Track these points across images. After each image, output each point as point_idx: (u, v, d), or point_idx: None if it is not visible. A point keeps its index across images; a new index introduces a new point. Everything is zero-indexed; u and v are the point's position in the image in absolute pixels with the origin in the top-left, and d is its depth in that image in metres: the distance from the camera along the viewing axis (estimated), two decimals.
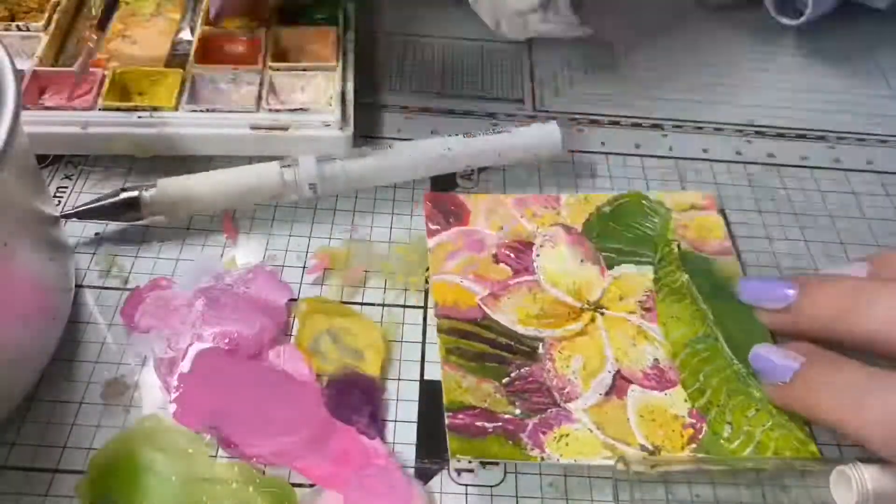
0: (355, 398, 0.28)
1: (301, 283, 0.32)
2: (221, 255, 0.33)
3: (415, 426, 0.29)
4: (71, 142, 0.34)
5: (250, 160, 0.36)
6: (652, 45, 0.46)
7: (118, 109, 0.35)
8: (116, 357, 0.29)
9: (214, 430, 0.27)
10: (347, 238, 0.34)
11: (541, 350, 0.30)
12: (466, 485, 0.27)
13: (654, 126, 0.41)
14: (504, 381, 0.29)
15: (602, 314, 0.31)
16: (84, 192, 0.35)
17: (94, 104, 0.35)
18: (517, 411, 0.28)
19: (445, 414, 0.28)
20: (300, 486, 0.26)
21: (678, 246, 0.34)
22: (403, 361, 0.30)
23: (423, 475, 0.27)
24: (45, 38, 0.37)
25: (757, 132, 0.41)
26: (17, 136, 0.23)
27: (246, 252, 0.33)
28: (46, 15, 0.38)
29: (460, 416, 0.28)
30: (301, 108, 0.35)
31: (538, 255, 0.33)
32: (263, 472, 0.26)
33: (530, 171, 0.38)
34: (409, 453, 0.28)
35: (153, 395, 0.28)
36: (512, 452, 0.27)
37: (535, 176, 0.37)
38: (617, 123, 0.41)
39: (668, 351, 0.30)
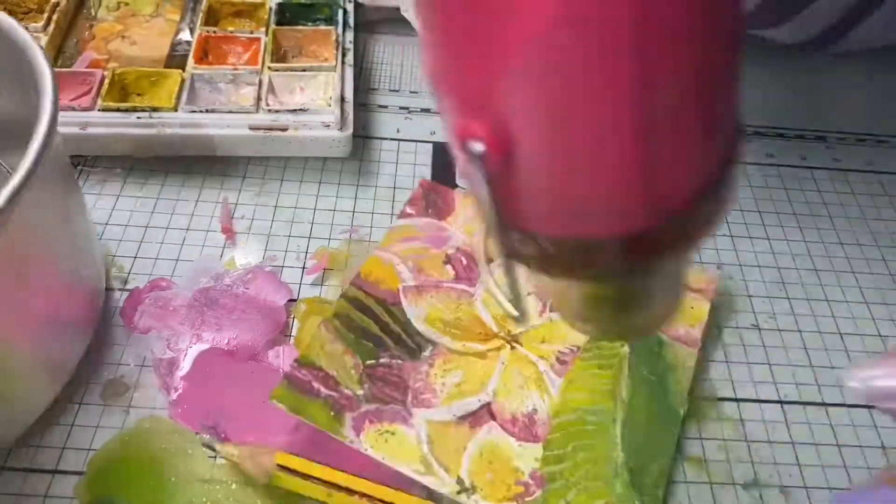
0: None
1: (300, 284, 0.32)
2: (221, 256, 0.33)
3: None
4: (70, 142, 0.34)
5: (249, 160, 0.37)
6: None
7: (117, 110, 0.35)
8: (116, 357, 0.29)
9: (213, 431, 0.27)
10: (347, 238, 0.34)
11: (426, 353, 0.30)
12: None
13: None
14: (368, 362, 0.29)
15: (513, 348, 0.30)
16: (84, 193, 0.35)
17: (94, 105, 0.35)
18: (360, 392, 0.28)
19: (291, 363, 0.28)
20: None
21: None
22: None
23: None
24: (44, 39, 0.37)
25: (756, 132, 0.41)
26: (54, 139, 0.23)
27: (245, 253, 0.33)
28: (46, 15, 0.38)
29: (303, 371, 0.28)
30: (300, 109, 0.35)
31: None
32: (263, 482, 0.26)
33: None
34: None
35: (153, 396, 0.28)
36: (328, 423, 0.27)
37: None
38: None
39: (552, 408, 0.29)
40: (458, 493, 0.26)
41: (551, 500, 0.26)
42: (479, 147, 0.14)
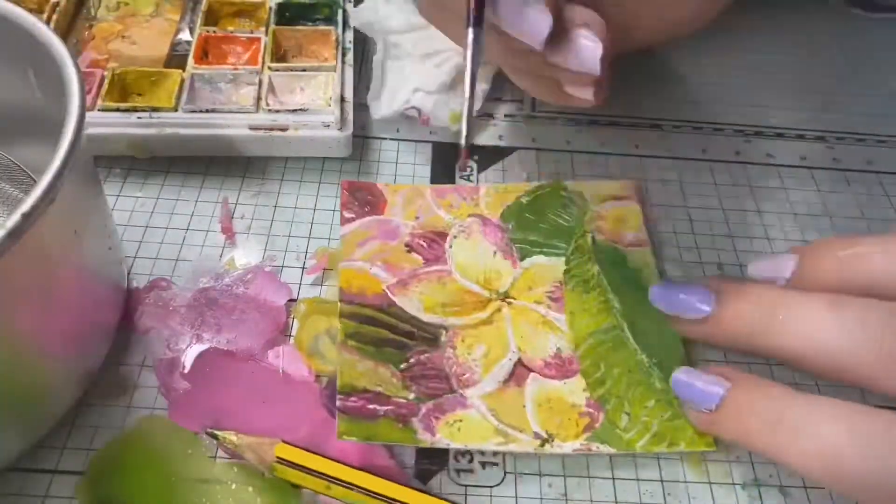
0: None
1: (300, 284, 0.32)
2: (220, 256, 0.33)
3: None
4: None
5: (249, 160, 0.37)
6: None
7: (117, 110, 0.35)
8: (116, 357, 0.29)
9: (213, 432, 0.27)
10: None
11: (443, 338, 0.30)
12: (466, 485, 0.27)
13: (654, 126, 0.41)
14: (402, 366, 0.29)
15: (509, 304, 0.32)
16: None
17: (94, 105, 0.35)
18: (411, 395, 0.28)
19: (338, 396, 0.28)
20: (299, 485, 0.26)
21: (592, 238, 0.34)
22: None
23: (423, 475, 0.27)
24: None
25: (756, 132, 0.41)
26: (83, 134, 0.23)
27: (245, 252, 0.33)
28: (45, 15, 0.38)
29: (353, 398, 0.28)
30: (300, 109, 0.35)
31: (451, 246, 0.33)
32: (263, 473, 0.26)
33: (530, 168, 0.38)
34: (408, 454, 0.28)
35: (153, 396, 0.28)
36: (402, 436, 0.27)
37: (536, 172, 0.37)
38: (616, 123, 0.41)
39: (571, 341, 0.31)
40: (541, 445, 0.27)
41: (614, 417, 0.28)
42: None
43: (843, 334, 0.25)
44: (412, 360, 0.29)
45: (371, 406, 0.28)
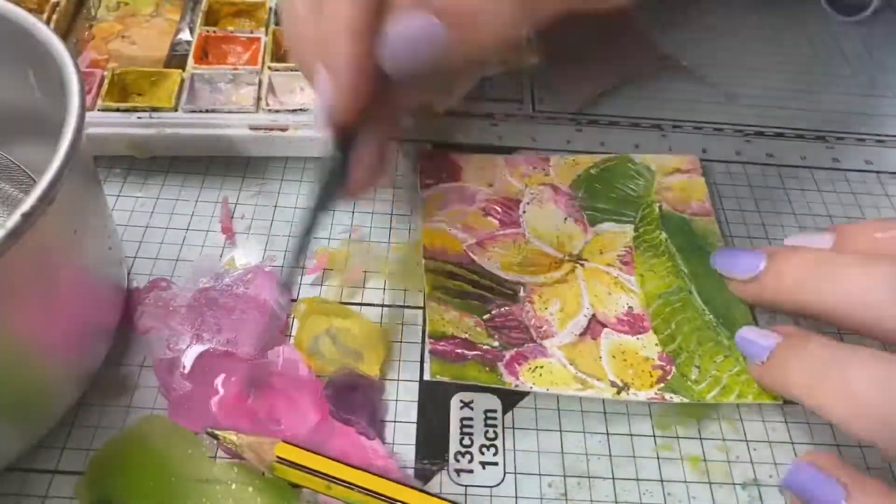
0: (355, 399, 0.29)
1: (300, 284, 0.32)
2: (220, 256, 0.33)
3: (414, 427, 0.29)
4: None
5: (249, 160, 0.37)
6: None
7: (117, 110, 0.35)
8: (116, 357, 0.29)
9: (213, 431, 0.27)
10: (347, 238, 0.34)
11: (521, 293, 0.32)
12: (466, 485, 0.27)
13: (654, 126, 0.41)
14: (485, 317, 0.31)
15: (582, 265, 0.33)
16: None
17: (94, 105, 0.35)
18: (496, 343, 0.30)
19: (428, 341, 0.29)
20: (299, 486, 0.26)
21: (659, 207, 0.35)
22: (403, 362, 0.30)
23: (423, 475, 0.27)
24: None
25: (756, 132, 0.41)
26: (83, 134, 0.23)
27: (245, 252, 0.33)
28: (45, 15, 0.38)
29: (441, 343, 0.29)
30: (300, 109, 0.35)
31: (524, 212, 0.35)
32: (263, 473, 0.26)
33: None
34: (408, 454, 0.28)
35: (153, 396, 0.28)
36: (489, 378, 0.29)
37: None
38: (616, 123, 0.41)
39: (641, 300, 0.32)
40: (618, 393, 0.29)
41: (685, 370, 0.30)
42: None
43: (873, 289, 0.26)
44: (494, 312, 0.31)
45: (459, 350, 0.29)
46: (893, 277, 0.26)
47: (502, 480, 0.28)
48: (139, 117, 0.34)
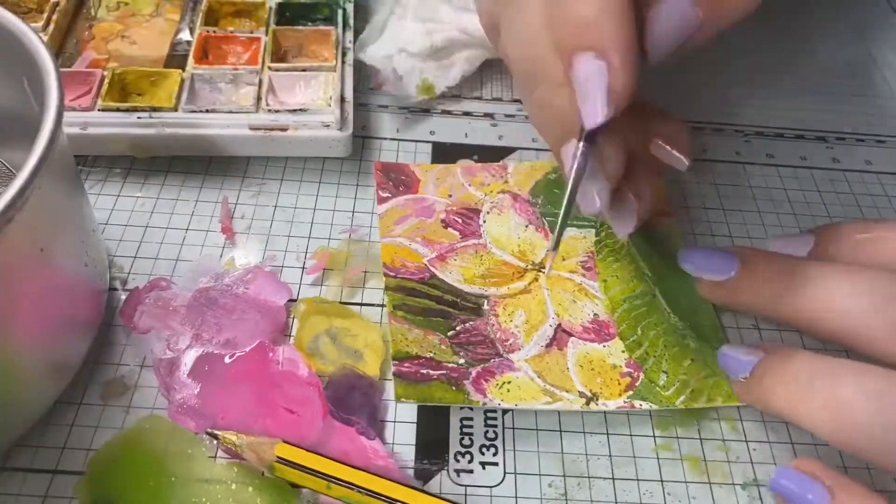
0: (355, 399, 0.29)
1: (300, 284, 0.32)
2: (220, 256, 0.33)
3: (414, 427, 0.29)
4: (70, 142, 0.34)
5: (249, 160, 0.37)
6: None
7: (117, 110, 0.35)
8: (116, 357, 0.29)
9: (213, 431, 0.27)
10: (346, 238, 0.34)
11: (485, 306, 0.32)
12: (466, 485, 0.27)
13: None
14: (449, 334, 0.30)
15: (545, 273, 0.33)
16: None
17: (94, 105, 0.35)
18: (461, 360, 0.29)
19: (392, 363, 0.29)
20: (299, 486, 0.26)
21: None
22: None
23: (423, 475, 0.27)
24: (44, 38, 0.37)
25: (756, 132, 0.41)
26: (58, 142, 0.23)
27: (245, 252, 0.33)
28: (45, 15, 0.38)
29: (406, 364, 0.29)
30: (300, 109, 0.35)
31: (485, 221, 0.35)
32: (263, 473, 0.26)
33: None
34: (408, 454, 0.28)
35: (153, 396, 0.28)
36: (455, 397, 0.28)
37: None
38: None
39: (606, 306, 0.32)
40: (587, 403, 0.29)
41: (653, 376, 0.30)
42: None
43: (853, 299, 0.26)
44: (458, 328, 0.31)
45: (424, 371, 0.29)
46: (874, 285, 0.26)
47: (502, 480, 0.28)
48: (139, 117, 0.34)
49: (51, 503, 0.26)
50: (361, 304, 0.32)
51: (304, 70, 0.37)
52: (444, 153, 0.38)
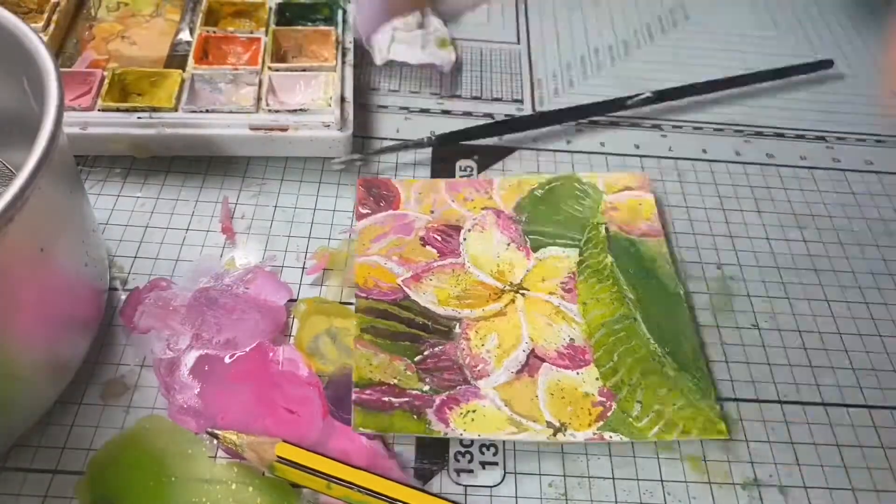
0: None
1: (300, 284, 0.32)
2: (221, 256, 0.33)
3: None
4: (70, 142, 0.34)
5: (249, 160, 0.37)
6: (650, 46, 0.46)
7: (117, 110, 0.35)
8: (116, 357, 0.29)
9: (213, 431, 0.27)
10: (346, 238, 0.34)
11: (457, 329, 0.31)
12: (466, 485, 0.27)
13: (654, 126, 0.41)
14: (416, 359, 0.30)
15: (523, 295, 0.32)
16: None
17: (94, 105, 0.35)
18: (426, 388, 0.29)
19: (353, 389, 0.28)
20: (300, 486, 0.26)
21: (606, 228, 0.34)
22: None
23: (423, 475, 0.27)
24: (44, 39, 0.37)
25: (756, 132, 0.41)
26: (58, 142, 0.23)
27: (245, 252, 0.33)
28: (46, 16, 0.38)
29: (367, 391, 0.28)
30: (300, 109, 0.35)
31: (465, 239, 0.34)
32: (263, 473, 0.26)
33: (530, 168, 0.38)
34: (408, 453, 0.28)
35: (153, 396, 0.28)
36: (416, 427, 0.28)
37: (536, 172, 0.37)
38: (616, 124, 0.41)
39: (584, 331, 0.31)
40: (554, 434, 0.28)
41: (627, 406, 0.29)
42: None
43: None
44: (426, 353, 0.30)
45: (386, 398, 0.28)
46: None
47: (502, 480, 0.28)
48: (139, 117, 0.34)
49: (51, 503, 0.26)
50: None
51: (304, 70, 0.37)
52: (444, 153, 0.38)
